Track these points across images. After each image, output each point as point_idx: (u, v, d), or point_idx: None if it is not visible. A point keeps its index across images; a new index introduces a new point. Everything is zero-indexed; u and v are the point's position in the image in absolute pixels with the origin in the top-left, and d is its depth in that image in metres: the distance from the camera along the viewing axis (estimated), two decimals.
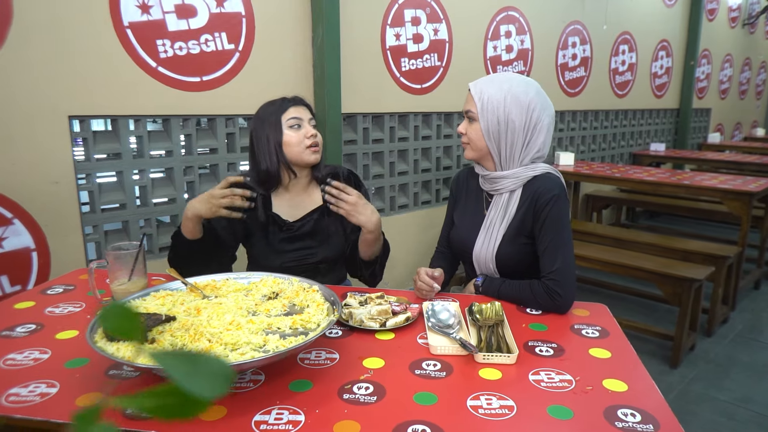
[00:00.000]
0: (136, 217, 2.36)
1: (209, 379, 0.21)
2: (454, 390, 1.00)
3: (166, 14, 2.26)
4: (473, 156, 1.54)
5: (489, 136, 1.47)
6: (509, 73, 1.54)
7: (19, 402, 0.93)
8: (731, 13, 7.02)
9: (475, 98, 1.48)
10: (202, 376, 0.21)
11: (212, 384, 0.21)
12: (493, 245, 1.49)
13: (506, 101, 1.44)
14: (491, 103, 1.45)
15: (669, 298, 2.77)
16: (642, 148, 5.89)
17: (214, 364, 0.23)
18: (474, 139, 1.50)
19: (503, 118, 1.45)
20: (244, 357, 0.95)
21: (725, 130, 7.60)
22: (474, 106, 1.48)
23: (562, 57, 4.47)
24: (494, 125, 1.46)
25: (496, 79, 1.49)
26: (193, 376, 0.21)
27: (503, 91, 1.45)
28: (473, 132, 1.50)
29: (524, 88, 1.46)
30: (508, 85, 1.46)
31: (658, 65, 5.79)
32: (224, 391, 0.22)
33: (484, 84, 1.49)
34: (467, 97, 1.53)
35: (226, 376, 0.22)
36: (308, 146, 1.60)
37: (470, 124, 1.51)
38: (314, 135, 1.61)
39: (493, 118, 1.45)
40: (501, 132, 1.46)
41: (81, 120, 2.17)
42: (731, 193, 3.34)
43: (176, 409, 0.23)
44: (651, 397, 0.98)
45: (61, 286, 1.51)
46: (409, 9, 3.21)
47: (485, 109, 1.46)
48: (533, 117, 1.46)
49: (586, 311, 1.39)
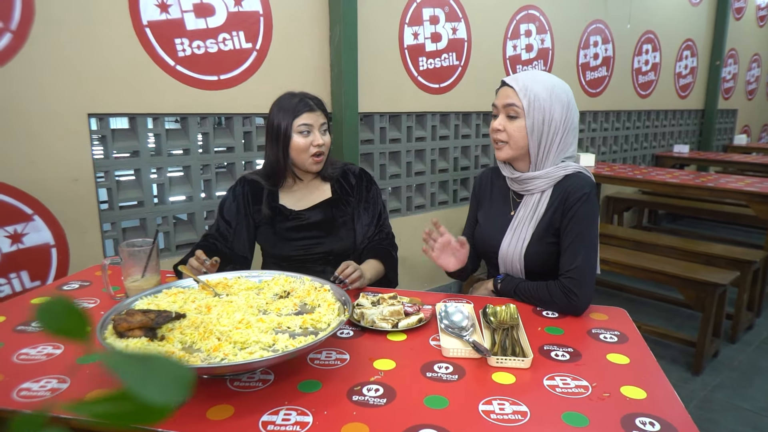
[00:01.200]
0: (153, 214, 2.37)
1: (165, 384, 0.20)
2: (465, 394, 0.97)
3: (184, 13, 2.28)
4: (510, 155, 1.47)
5: (532, 134, 1.42)
6: (541, 71, 1.49)
7: (30, 397, 0.93)
8: (759, 11, 6.84)
9: (519, 94, 1.41)
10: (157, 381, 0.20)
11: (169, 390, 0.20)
12: (522, 244, 1.46)
13: (551, 99, 1.40)
14: (538, 101, 1.40)
15: (691, 303, 2.70)
16: (665, 150, 5.77)
17: (171, 367, 0.21)
18: (516, 138, 1.43)
19: (548, 117, 1.41)
20: (253, 356, 0.94)
21: (752, 132, 7.41)
22: (518, 101, 1.41)
23: (583, 56, 4.40)
24: (539, 123, 1.41)
25: (536, 76, 1.44)
26: (147, 380, 0.20)
27: (548, 88, 1.41)
28: (516, 130, 1.43)
29: (563, 87, 1.44)
30: (550, 83, 1.42)
31: (683, 65, 5.66)
32: (182, 398, 0.21)
33: (527, 80, 1.42)
34: (505, 93, 1.45)
35: (184, 381, 0.21)
36: (312, 155, 1.60)
37: (511, 121, 1.44)
38: (320, 144, 1.60)
39: (539, 116, 1.40)
40: (544, 131, 1.42)
41: (100, 118, 2.19)
42: (758, 196, 3.24)
43: (130, 417, 0.21)
44: (671, 406, 0.95)
45: (77, 282, 1.53)
46: (427, 8, 3.19)
47: (532, 106, 1.40)
48: (570, 116, 1.43)
49: (604, 315, 1.36)
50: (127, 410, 0.21)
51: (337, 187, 1.72)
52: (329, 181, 1.72)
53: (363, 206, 1.73)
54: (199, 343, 0.99)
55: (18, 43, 1.92)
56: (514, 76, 1.45)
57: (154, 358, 0.21)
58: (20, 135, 1.97)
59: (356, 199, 1.73)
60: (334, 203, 1.70)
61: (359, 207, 1.73)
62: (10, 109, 1.94)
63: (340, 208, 1.70)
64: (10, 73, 1.91)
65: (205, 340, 0.99)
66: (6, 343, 1.14)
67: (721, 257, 3.04)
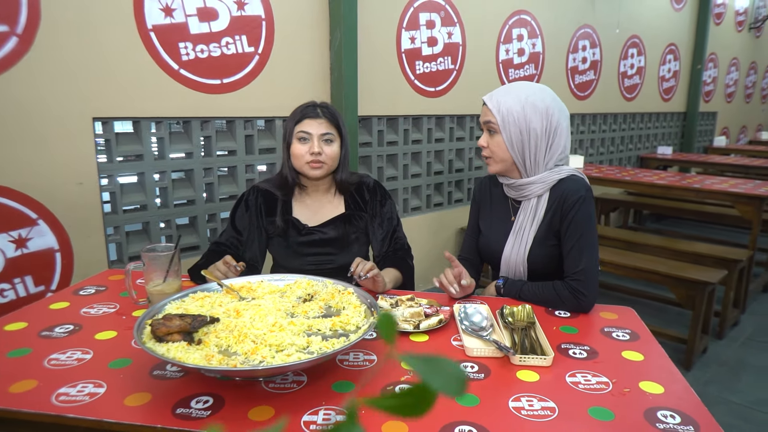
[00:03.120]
0: (156, 218, 2.38)
1: (449, 380, 0.23)
2: (494, 391, 1.01)
3: (188, 17, 2.29)
4: (498, 169, 1.53)
5: (512, 147, 1.47)
6: (521, 81, 1.54)
7: (70, 401, 0.95)
8: (738, 17, 7.03)
9: (493, 111, 1.47)
10: (443, 377, 0.23)
11: (452, 384, 0.23)
12: (524, 248, 1.51)
13: (525, 110, 1.44)
14: (511, 115, 1.45)
15: (682, 301, 2.79)
16: (649, 151, 5.91)
17: (452, 367, 0.24)
18: (497, 152, 1.49)
19: (525, 128, 1.45)
20: (291, 358, 0.97)
21: (730, 134, 7.62)
22: (494, 117, 1.47)
23: (572, 60, 4.49)
24: (517, 136, 1.46)
25: (510, 89, 1.49)
26: (436, 376, 0.23)
27: (521, 101, 1.45)
28: (495, 145, 1.49)
29: (540, 95, 1.47)
30: (524, 94, 1.46)
31: (666, 69, 5.81)
32: (464, 391, 0.24)
33: (500, 96, 1.48)
34: (484, 110, 1.52)
35: (462, 378, 0.24)
36: (308, 162, 1.60)
37: (491, 137, 1.50)
38: (317, 153, 1.58)
39: (515, 129, 1.45)
40: (524, 141, 1.46)
41: (104, 122, 2.19)
42: (743, 197, 3.35)
43: (411, 409, 0.24)
44: (688, 399, 1.00)
45: (92, 287, 1.53)
46: (424, 12, 3.24)
47: (506, 121, 1.45)
48: (552, 121, 1.46)
49: (614, 314, 1.41)
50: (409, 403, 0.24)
51: (350, 201, 1.71)
52: (344, 195, 1.72)
53: (378, 221, 1.72)
54: (234, 346, 1.02)
55: (24, 47, 1.91)
56: (491, 93, 1.51)
57: (440, 360, 0.25)
58: (25, 139, 1.96)
59: (370, 214, 1.72)
60: (347, 218, 1.69)
61: (374, 222, 1.72)
62: (16, 113, 1.93)
63: (353, 223, 1.70)
64: (15, 77, 1.91)
65: (241, 344, 1.02)
66: (34, 348, 1.15)
67: (709, 256, 3.14)
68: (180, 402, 0.95)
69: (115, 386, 1.00)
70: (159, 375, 1.05)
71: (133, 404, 0.94)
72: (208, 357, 0.95)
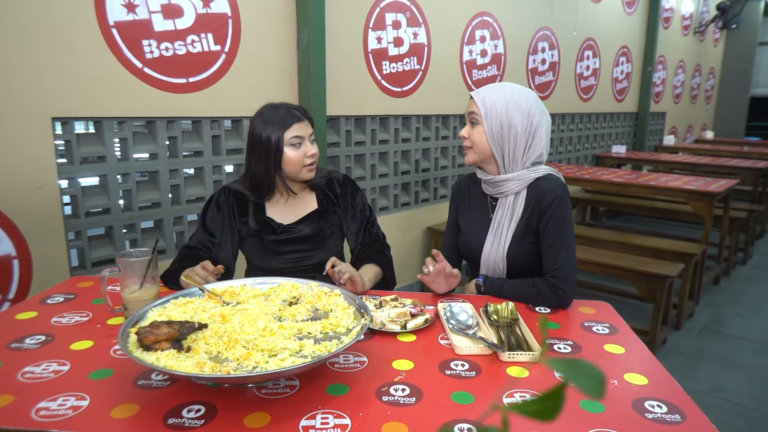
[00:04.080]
0: (120, 222, 2.29)
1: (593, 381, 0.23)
2: (487, 388, 1.03)
3: (152, 14, 2.21)
4: (475, 159, 1.57)
5: (493, 139, 1.51)
6: (509, 82, 1.59)
7: (52, 416, 0.90)
8: (684, 21, 7.37)
9: (478, 103, 1.52)
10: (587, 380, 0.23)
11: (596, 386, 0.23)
12: (503, 246, 1.53)
13: (508, 106, 1.50)
14: (494, 108, 1.50)
15: (644, 295, 2.90)
16: (604, 150, 6.11)
17: (593, 370, 0.24)
18: (477, 142, 1.54)
19: (506, 122, 1.50)
20: (285, 363, 0.95)
21: (678, 133, 7.97)
22: (477, 109, 1.52)
23: (532, 62, 4.59)
24: (497, 128, 1.50)
25: (497, 87, 1.55)
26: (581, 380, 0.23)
27: (505, 97, 1.51)
28: (476, 135, 1.54)
29: (524, 96, 1.52)
30: (509, 92, 1.52)
31: (619, 71, 6.02)
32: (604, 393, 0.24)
33: (486, 91, 1.54)
34: (469, 103, 1.57)
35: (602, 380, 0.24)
36: (305, 165, 1.60)
37: (473, 127, 1.55)
38: (313, 155, 1.60)
39: (497, 122, 1.50)
40: (504, 135, 1.51)
41: (64, 122, 2.09)
42: (696, 194, 3.52)
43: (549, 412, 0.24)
44: (671, 389, 1.04)
45: (60, 295, 1.46)
46: (390, 12, 3.24)
47: (488, 113, 1.51)
48: (533, 122, 1.51)
49: (591, 309, 1.45)
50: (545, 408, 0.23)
51: (323, 197, 1.71)
52: (315, 191, 1.72)
53: (350, 214, 1.73)
54: (225, 352, 0.99)
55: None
56: (478, 89, 1.57)
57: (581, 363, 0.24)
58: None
59: (342, 207, 1.73)
60: (321, 214, 1.69)
61: (347, 215, 1.73)
62: None
63: (327, 218, 1.70)
64: None
65: (231, 349, 0.99)
66: (4, 362, 1.09)
67: (666, 251, 3.27)
68: (170, 412, 0.92)
69: (98, 398, 0.96)
70: (144, 384, 1.01)
71: (120, 416, 0.90)
72: (200, 364, 0.92)
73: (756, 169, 4.95)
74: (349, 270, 1.43)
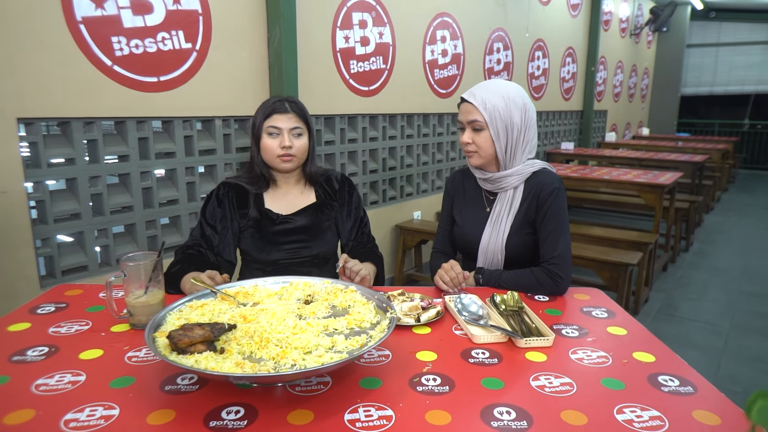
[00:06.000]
0: (91, 227, 2.18)
1: None
2: (513, 373, 1.06)
3: (121, 9, 2.13)
4: (480, 163, 1.61)
5: (498, 142, 1.56)
6: (494, 79, 1.64)
7: (83, 428, 0.86)
8: (621, 24, 7.78)
9: (480, 109, 1.54)
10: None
11: None
12: (502, 237, 1.58)
13: (508, 106, 1.54)
14: (497, 111, 1.54)
15: (607, 282, 3.05)
16: (554, 147, 6.36)
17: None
18: (484, 147, 1.57)
19: (509, 123, 1.55)
20: (324, 359, 0.95)
21: (618, 130, 8.41)
22: (480, 116, 1.55)
23: (488, 61, 4.72)
24: (503, 131, 1.55)
25: (490, 87, 1.57)
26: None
27: (503, 97, 1.55)
28: (482, 141, 1.57)
29: (516, 91, 1.58)
30: (504, 91, 1.56)
31: (566, 71, 6.29)
32: None
33: (483, 94, 1.56)
34: (466, 108, 1.58)
35: None
36: (279, 155, 1.62)
37: (477, 133, 1.57)
38: (288, 147, 1.61)
39: (501, 125, 1.54)
40: (508, 136, 1.56)
41: (29, 123, 1.98)
42: (647, 186, 3.73)
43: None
44: (678, 364, 1.11)
45: (50, 305, 1.38)
46: (356, 12, 3.25)
47: (493, 117, 1.54)
48: (528, 116, 1.58)
49: (586, 296, 1.53)
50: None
51: (321, 192, 1.75)
52: (314, 186, 1.74)
53: (346, 211, 1.77)
54: (258, 352, 0.98)
55: None
56: (471, 92, 1.59)
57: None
58: None
59: (339, 203, 1.77)
60: (318, 207, 1.72)
61: (342, 211, 1.77)
62: None
63: (324, 212, 1.73)
64: None
65: (265, 349, 0.98)
66: (11, 375, 1.03)
67: (623, 241, 3.46)
68: (209, 415, 0.90)
69: (128, 406, 0.92)
70: (172, 390, 0.98)
71: (157, 422, 0.88)
72: (240, 365, 0.91)
73: (694, 163, 5.30)
74: (360, 268, 1.45)
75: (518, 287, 1.53)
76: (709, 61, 10.56)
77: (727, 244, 5.33)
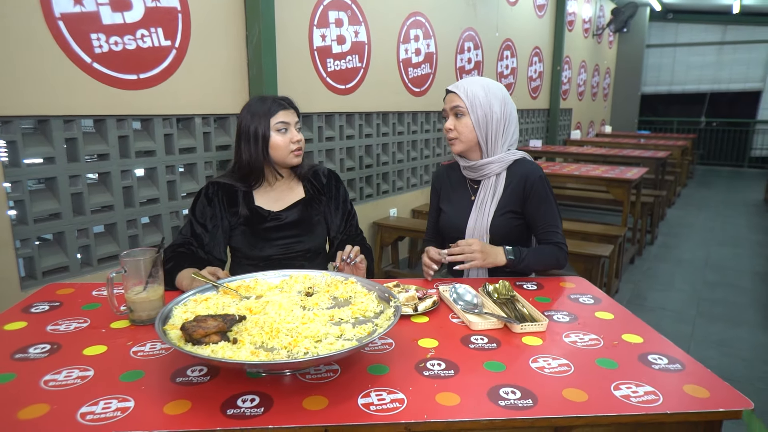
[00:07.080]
0: (72, 227, 2.14)
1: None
2: (513, 357, 1.11)
3: (100, 6, 2.09)
4: (462, 149, 1.68)
5: (479, 128, 1.64)
6: (476, 76, 1.74)
7: (100, 420, 0.87)
8: (584, 24, 8.01)
9: (462, 96, 1.64)
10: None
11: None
12: (487, 220, 1.66)
13: (488, 96, 1.64)
14: (477, 99, 1.63)
15: (581, 274, 3.16)
16: (523, 145, 6.50)
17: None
18: (464, 132, 1.66)
19: (489, 111, 1.64)
20: (335, 346, 0.98)
21: (582, 128, 8.65)
22: (461, 102, 1.64)
23: (460, 60, 4.80)
24: (482, 118, 1.64)
25: (473, 80, 1.68)
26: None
27: (484, 88, 1.65)
28: (464, 126, 1.65)
29: (496, 85, 1.68)
30: (485, 84, 1.66)
31: (533, 70, 6.44)
32: None
33: (466, 84, 1.66)
34: (450, 98, 1.68)
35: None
36: (292, 150, 1.65)
37: (459, 119, 1.66)
38: (299, 140, 1.66)
39: (481, 112, 1.63)
40: (488, 123, 1.64)
41: (6, 121, 1.93)
42: (615, 181, 3.87)
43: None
44: (664, 344, 1.19)
45: (44, 304, 1.37)
46: (333, 10, 3.27)
47: (474, 104, 1.63)
48: (507, 109, 1.67)
49: (572, 284, 1.60)
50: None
51: (309, 187, 1.77)
52: (302, 181, 1.76)
53: (334, 204, 1.80)
54: (269, 342, 1.00)
55: None
56: (456, 84, 1.70)
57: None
58: None
59: (327, 197, 1.79)
60: (308, 202, 1.75)
61: (330, 205, 1.80)
62: None
63: (313, 206, 1.75)
64: None
65: (276, 338, 1.00)
66: (18, 373, 1.02)
67: (593, 234, 3.58)
68: (226, 403, 0.91)
69: (142, 398, 0.93)
70: (184, 381, 0.99)
71: (174, 412, 0.89)
72: (255, 353, 0.93)
73: (657, 159, 5.51)
74: (358, 251, 1.52)
75: (542, 264, 1.64)
76: (668, 61, 10.98)
77: (689, 236, 5.56)
